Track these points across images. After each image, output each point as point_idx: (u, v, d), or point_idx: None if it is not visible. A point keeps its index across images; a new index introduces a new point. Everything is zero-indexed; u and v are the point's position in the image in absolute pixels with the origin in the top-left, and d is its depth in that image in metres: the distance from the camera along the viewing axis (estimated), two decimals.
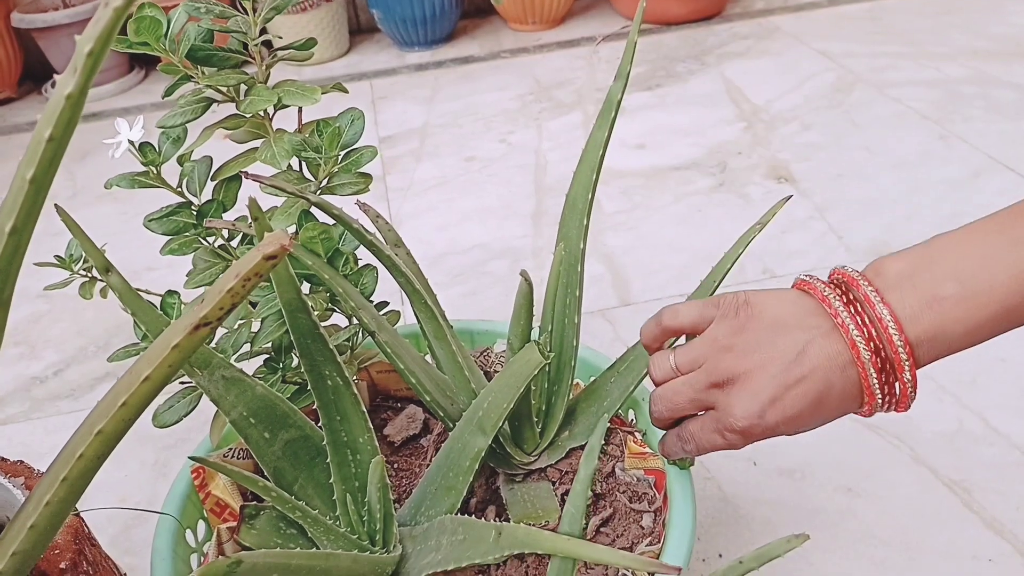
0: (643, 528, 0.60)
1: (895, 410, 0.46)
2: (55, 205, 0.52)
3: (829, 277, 0.46)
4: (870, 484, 0.75)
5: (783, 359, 0.44)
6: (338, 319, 0.65)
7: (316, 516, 0.51)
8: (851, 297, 0.44)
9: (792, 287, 0.48)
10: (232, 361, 0.56)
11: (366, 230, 0.51)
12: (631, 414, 0.69)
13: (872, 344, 0.42)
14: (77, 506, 0.50)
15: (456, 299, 1.08)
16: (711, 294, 0.61)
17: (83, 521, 0.48)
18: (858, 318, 0.42)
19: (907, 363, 0.42)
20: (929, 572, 0.67)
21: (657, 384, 0.51)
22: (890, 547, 0.70)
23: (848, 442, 0.79)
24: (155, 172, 0.59)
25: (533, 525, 0.60)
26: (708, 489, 0.76)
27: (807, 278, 0.47)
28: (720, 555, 0.70)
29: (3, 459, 0.51)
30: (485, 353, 0.76)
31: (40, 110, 1.66)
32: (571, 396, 0.67)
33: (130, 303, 0.49)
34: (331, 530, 0.52)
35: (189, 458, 0.46)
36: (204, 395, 0.61)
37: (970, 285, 0.40)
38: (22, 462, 0.52)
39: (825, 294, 0.44)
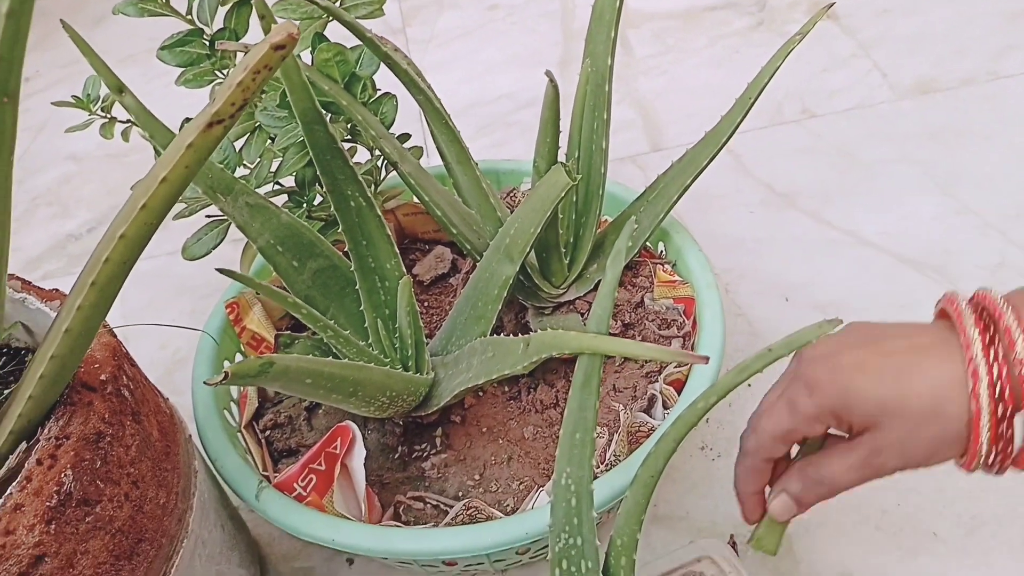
0: None
1: (1009, 466, 0.39)
2: (61, 21, 0.50)
3: (971, 299, 0.40)
4: (906, 317, 0.74)
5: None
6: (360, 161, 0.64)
7: (348, 337, 0.51)
8: (991, 328, 0.37)
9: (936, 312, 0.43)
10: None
11: (382, 41, 0.49)
12: (660, 246, 0.67)
13: (998, 387, 0.36)
14: (115, 329, 0.51)
15: (483, 150, 1.05)
16: (746, 112, 0.58)
17: (120, 343, 0.49)
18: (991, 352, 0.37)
19: None
20: None
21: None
22: None
23: (884, 277, 0.77)
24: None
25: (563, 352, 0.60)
26: (738, 325, 0.76)
27: (952, 298, 0.41)
28: (749, 385, 0.71)
29: (39, 288, 0.52)
30: (512, 193, 0.75)
31: None
32: (599, 230, 0.66)
33: (145, 124, 0.48)
34: (363, 352, 0.53)
35: (219, 270, 0.47)
36: (231, 228, 0.61)
37: None
38: (57, 290, 0.52)
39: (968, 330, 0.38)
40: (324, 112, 0.53)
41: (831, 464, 0.41)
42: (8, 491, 0.39)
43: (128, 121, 0.66)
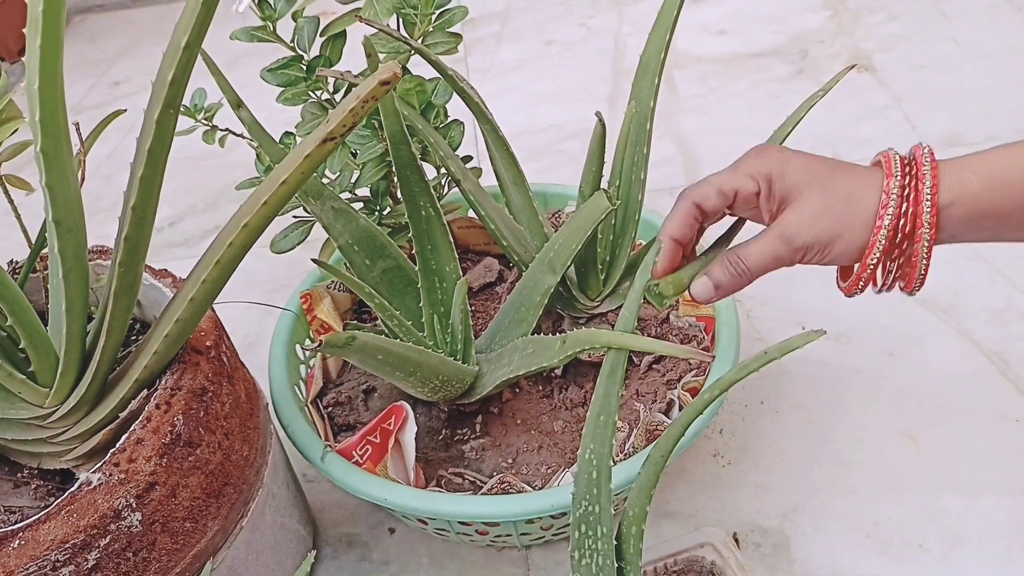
0: (691, 364, 0.67)
1: (899, 285, 0.49)
2: (202, 52, 0.59)
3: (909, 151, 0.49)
4: (911, 350, 0.80)
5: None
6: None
7: (409, 327, 0.59)
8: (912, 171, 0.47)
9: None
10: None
11: (459, 77, 0.57)
12: None
13: (898, 221, 0.46)
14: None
15: (531, 175, 1.12)
16: None
17: (219, 318, 0.58)
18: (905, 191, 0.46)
19: (927, 232, 0.46)
20: (958, 426, 0.73)
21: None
22: (923, 405, 0.75)
23: (895, 312, 0.83)
24: (271, 28, 0.66)
25: (593, 356, 0.68)
26: (755, 348, 0.83)
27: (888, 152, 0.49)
28: (762, 402, 0.77)
29: (150, 267, 0.61)
30: (557, 215, 0.83)
31: None
32: (633, 251, 0.74)
33: (257, 135, 0.57)
34: (421, 341, 0.61)
35: (313, 260, 0.55)
36: (312, 229, 0.70)
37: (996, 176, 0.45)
38: (165, 270, 0.62)
39: (892, 166, 0.47)
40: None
41: (748, 246, 0.50)
42: (132, 428, 0.48)
43: (226, 130, 0.76)
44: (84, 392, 0.48)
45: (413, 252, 0.65)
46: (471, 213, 0.82)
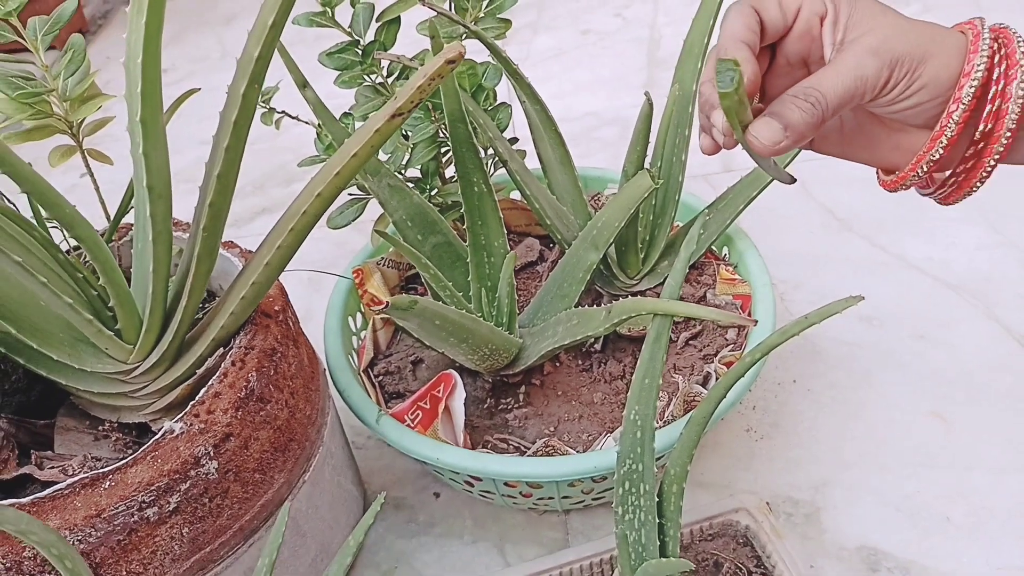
0: (727, 340, 0.70)
1: (956, 186, 0.43)
2: (280, 45, 0.63)
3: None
4: (942, 333, 0.82)
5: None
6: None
7: (460, 298, 0.63)
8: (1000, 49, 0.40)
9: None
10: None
11: (510, 62, 0.60)
12: (724, 250, 0.77)
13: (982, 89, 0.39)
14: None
15: None
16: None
17: (284, 286, 0.61)
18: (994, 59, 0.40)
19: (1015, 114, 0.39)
20: (987, 408, 0.75)
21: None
22: (954, 386, 0.77)
23: (926, 297, 0.85)
24: (330, 13, 0.69)
25: (632, 330, 0.71)
26: None
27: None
28: (794, 381, 0.80)
29: None
30: (596, 197, 0.86)
31: None
32: (671, 232, 0.76)
33: (321, 115, 0.60)
34: (470, 312, 0.64)
35: (375, 231, 0.58)
36: (366, 208, 0.73)
37: None
38: (231, 241, 0.65)
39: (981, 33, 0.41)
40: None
41: (819, 75, 0.41)
42: (210, 382, 0.52)
43: (282, 112, 0.79)
44: (165, 349, 0.52)
45: (462, 229, 0.68)
46: (513, 195, 0.85)
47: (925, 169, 0.43)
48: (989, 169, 0.42)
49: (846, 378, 0.79)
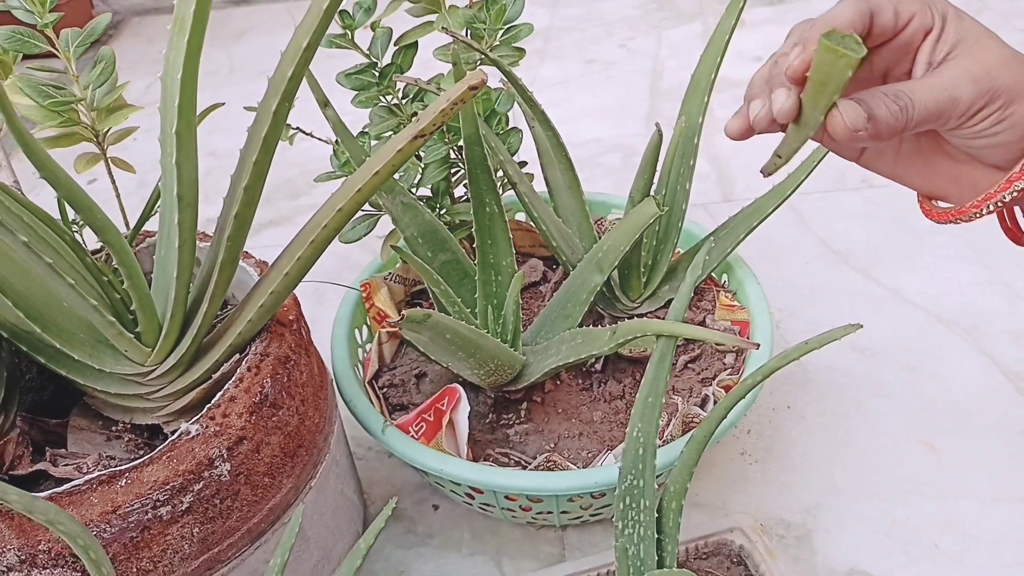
0: (725, 364, 0.72)
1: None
2: (308, 72, 0.65)
3: None
4: (934, 366, 0.84)
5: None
6: None
7: (468, 314, 0.65)
8: None
9: None
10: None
11: (525, 88, 0.63)
12: (724, 277, 0.79)
13: None
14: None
15: None
16: (808, 173, 0.70)
17: (297, 297, 0.63)
18: None
19: None
20: (977, 438, 0.77)
21: None
22: (944, 417, 0.79)
23: (919, 330, 0.88)
24: (350, 36, 0.72)
25: (633, 351, 0.73)
26: None
27: None
28: (788, 407, 0.82)
29: None
30: (599, 222, 0.88)
31: None
32: (673, 258, 0.79)
33: (340, 132, 0.62)
34: (477, 328, 0.66)
35: (390, 246, 0.60)
36: (377, 223, 0.75)
37: None
38: (247, 252, 0.67)
39: None
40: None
41: (915, 84, 0.40)
42: (226, 386, 0.53)
43: (296, 128, 0.82)
44: (183, 353, 0.53)
45: (470, 247, 0.70)
46: (519, 216, 0.87)
47: (991, 208, 0.42)
48: None
49: (838, 406, 0.81)
